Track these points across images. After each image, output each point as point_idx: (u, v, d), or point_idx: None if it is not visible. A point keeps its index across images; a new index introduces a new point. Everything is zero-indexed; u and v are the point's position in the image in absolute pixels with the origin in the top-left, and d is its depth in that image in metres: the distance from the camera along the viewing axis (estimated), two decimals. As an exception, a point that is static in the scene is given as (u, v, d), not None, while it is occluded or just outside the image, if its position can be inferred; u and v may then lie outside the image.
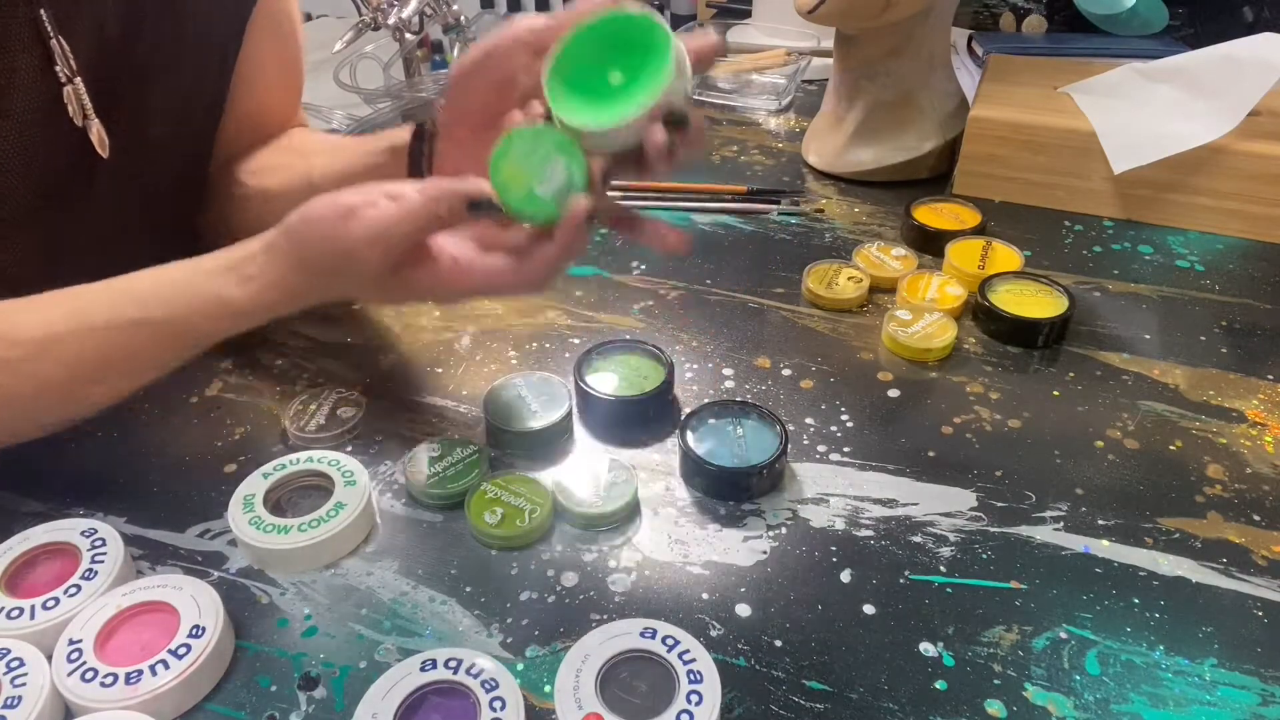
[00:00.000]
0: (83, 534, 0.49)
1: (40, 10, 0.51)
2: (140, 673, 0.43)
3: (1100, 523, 0.53)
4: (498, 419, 0.58)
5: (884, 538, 0.52)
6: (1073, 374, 0.65)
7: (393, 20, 1.07)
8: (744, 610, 0.48)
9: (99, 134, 0.56)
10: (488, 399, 0.60)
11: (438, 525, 0.54)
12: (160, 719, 0.43)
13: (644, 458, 0.58)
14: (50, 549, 0.49)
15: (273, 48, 0.67)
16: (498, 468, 0.57)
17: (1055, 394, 0.63)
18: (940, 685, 0.45)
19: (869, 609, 0.48)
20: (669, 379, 0.61)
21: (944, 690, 0.44)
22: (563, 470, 0.56)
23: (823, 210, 0.85)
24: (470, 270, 0.48)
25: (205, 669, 0.44)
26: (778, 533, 0.53)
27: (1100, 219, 0.84)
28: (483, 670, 0.43)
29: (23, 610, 0.46)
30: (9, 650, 0.43)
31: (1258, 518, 0.53)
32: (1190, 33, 1.12)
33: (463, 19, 1.17)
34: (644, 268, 0.77)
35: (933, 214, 0.81)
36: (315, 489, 0.54)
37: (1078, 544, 0.52)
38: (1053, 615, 0.48)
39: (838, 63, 0.88)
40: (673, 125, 0.45)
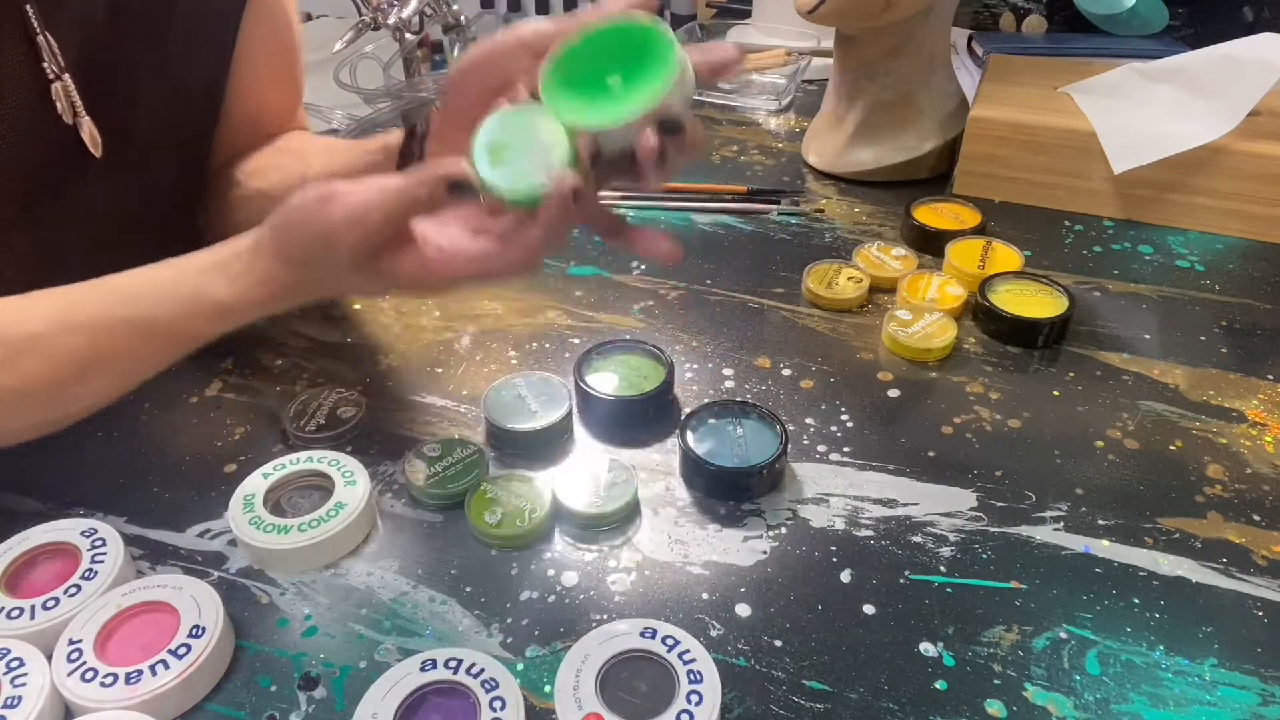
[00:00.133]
0: (83, 534, 0.49)
1: (26, 5, 0.51)
2: (140, 673, 0.43)
3: (1100, 523, 0.53)
4: (498, 419, 0.58)
5: (884, 538, 0.52)
6: (1073, 374, 0.65)
7: (393, 20, 1.07)
8: (744, 610, 0.48)
9: (90, 132, 0.56)
10: (487, 399, 0.60)
11: (438, 525, 0.54)
12: (160, 719, 0.43)
13: (644, 458, 0.58)
14: (50, 549, 0.49)
15: (265, 45, 0.66)
16: (498, 468, 0.57)
17: (1055, 394, 0.63)
18: (940, 685, 0.45)
19: (869, 609, 0.48)
20: (669, 379, 0.61)
21: (944, 690, 0.44)
22: (563, 470, 0.56)
23: (823, 210, 0.85)
24: (454, 255, 0.47)
25: (205, 669, 0.44)
26: (778, 533, 0.53)
27: (1100, 219, 0.84)
28: (483, 670, 0.43)
29: (23, 610, 0.46)
30: (9, 650, 0.43)
31: (1258, 518, 0.53)
32: (1190, 33, 1.12)
33: (463, 19, 1.17)
34: (644, 268, 0.77)
35: (933, 214, 0.81)
36: (315, 489, 0.54)
37: (1078, 544, 0.52)
38: (1053, 615, 0.48)
39: (838, 63, 0.88)
40: (668, 131, 0.44)
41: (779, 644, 0.47)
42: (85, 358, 0.49)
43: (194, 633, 0.44)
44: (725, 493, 0.55)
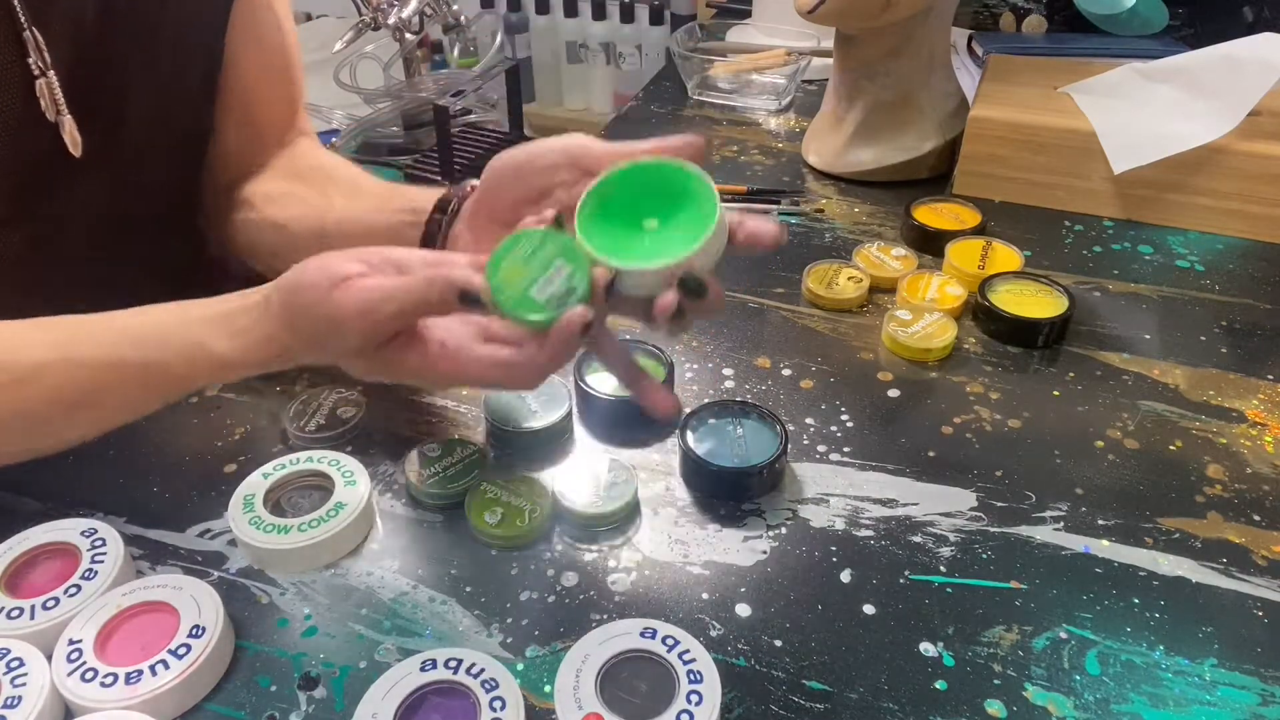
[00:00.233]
0: (83, 534, 0.49)
1: (14, 0, 0.51)
2: (140, 673, 0.43)
3: (1100, 523, 0.53)
4: (498, 419, 0.58)
5: (884, 538, 0.52)
6: (1073, 374, 0.65)
7: (393, 20, 1.07)
8: (744, 610, 0.48)
9: (70, 131, 0.56)
10: (488, 399, 0.60)
11: (438, 525, 0.54)
12: (160, 719, 0.43)
13: (644, 458, 0.58)
14: (50, 549, 0.49)
15: (255, 46, 0.65)
16: (498, 468, 0.57)
17: (1055, 394, 0.63)
18: (940, 685, 0.45)
19: (869, 609, 0.48)
20: (669, 379, 0.61)
21: (944, 690, 0.44)
22: (563, 470, 0.56)
23: (823, 210, 0.85)
24: (457, 359, 0.46)
25: (205, 669, 0.44)
26: (778, 533, 0.53)
27: (1100, 219, 0.84)
28: (483, 670, 0.43)
29: (23, 610, 0.46)
30: (9, 650, 0.43)
31: (1258, 518, 0.53)
32: (1190, 33, 1.11)
33: (463, 19, 1.17)
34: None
35: (933, 214, 0.81)
36: (315, 489, 0.54)
37: (1078, 544, 0.52)
38: (1053, 615, 0.48)
39: (838, 63, 0.88)
40: (689, 291, 0.43)
41: (779, 644, 0.47)
42: (85, 392, 0.48)
43: (194, 633, 0.44)
44: (725, 493, 0.55)
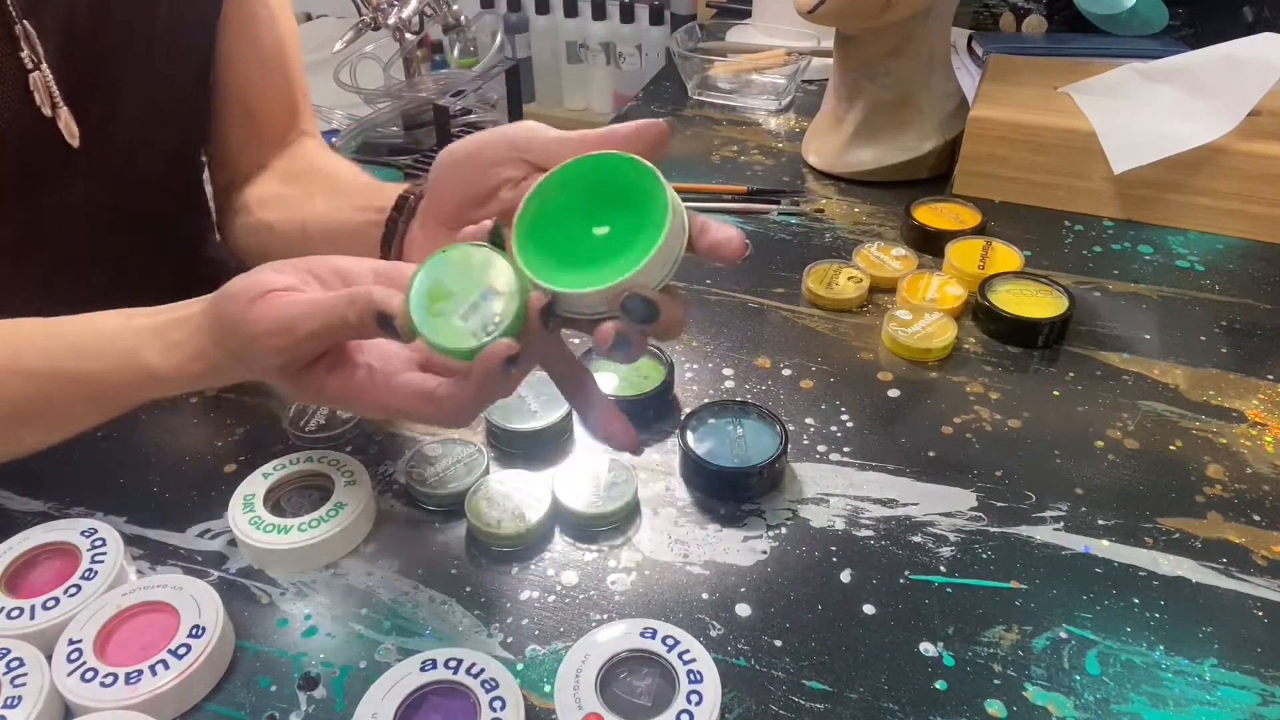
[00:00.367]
0: (83, 534, 0.49)
1: None
2: (140, 673, 0.43)
3: (1100, 523, 0.53)
4: (498, 419, 0.58)
5: (884, 538, 0.52)
6: (1073, 374, 0.65)
7: (393, 20, 1.07)
8: (744, 610, 0.48)
9: (67, 123, 0.56)
10: (488, 399, 0.59)
11: (438, 525, 0.54)
12: (160, 719, 0.43)
13: (644, 458, 0.58)
14: (50, 549, 0.49)
15: (249, 44, 0.65)
16: (498, 468, 0.57)
17: (1055, 394, 0.63)
18: (940, 685, 0.45)
19: (869, 609, 0.48)
20: (669, 379, 0.61)
21: (944, 690, 0.44)
22: (563, 470, 0.56)
23: (823, 210, 0.85)
24: (383, 388, 0.42)
25: (205, 669, 0.44)
26: (778, 533, 0.53)
27: (1100, 219, 0.84)
28: (483, 670, 0.43)
29: (23, 610, 0.46)
30: (9, 650, 0.43)
31: (1258, 518, 0.53)
32: (1190, 33, 1.11)
33: (463, 19, 1.17)
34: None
35: (933, 214, 0.81)
36: (315, 489, 0.54)
37: (1078, 544, 0.52)
38: (1053, 615, 0.48)
39: (838, 63, 0.88)
40: (636, 316, 0.38)
41: (779, 644, 0.47)
42: (29, 404, 0.47)
43: (194, 633, 0.44)
44: (725, 493, 0.55)
